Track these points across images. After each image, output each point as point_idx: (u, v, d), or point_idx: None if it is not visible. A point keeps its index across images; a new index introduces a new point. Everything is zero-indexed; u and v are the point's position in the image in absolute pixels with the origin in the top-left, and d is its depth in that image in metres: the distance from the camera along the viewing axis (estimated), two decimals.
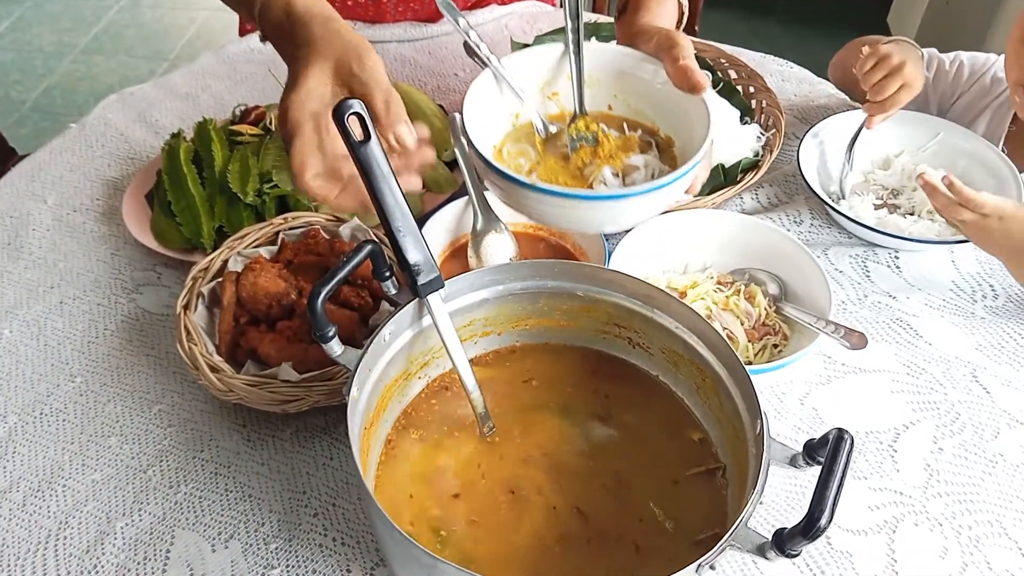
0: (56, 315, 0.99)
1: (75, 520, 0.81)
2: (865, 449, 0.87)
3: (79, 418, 0.89)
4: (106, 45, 3.27)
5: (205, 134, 1.09)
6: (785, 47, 1.47)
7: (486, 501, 0.74)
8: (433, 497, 0.74)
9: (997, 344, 0.97)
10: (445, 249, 1.02)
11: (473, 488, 0.75)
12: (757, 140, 1.12)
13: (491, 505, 0.74)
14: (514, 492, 0.75)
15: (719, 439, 0.78)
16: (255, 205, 1.03)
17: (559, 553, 0.71)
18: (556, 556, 0.71)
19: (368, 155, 0.69)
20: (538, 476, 0.76)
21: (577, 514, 0.74)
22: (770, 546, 0.58)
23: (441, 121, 1.16)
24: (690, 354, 0.77)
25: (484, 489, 0.75)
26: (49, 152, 1.22)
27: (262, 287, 0.88)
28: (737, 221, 1.00)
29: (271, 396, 0.82)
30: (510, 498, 0.75)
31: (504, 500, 0.74)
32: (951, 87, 1.21)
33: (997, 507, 0.82)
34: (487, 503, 0.74)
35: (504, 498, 0.75)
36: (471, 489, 0.75)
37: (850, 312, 1.00)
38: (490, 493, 0.75)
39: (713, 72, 1.23)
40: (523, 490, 0.75)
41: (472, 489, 0.75)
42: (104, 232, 1.09)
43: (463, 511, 0.74)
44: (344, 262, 0.71)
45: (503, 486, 0.76)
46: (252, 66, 1.38)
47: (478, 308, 0.81)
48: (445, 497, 0.74)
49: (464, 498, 0.75)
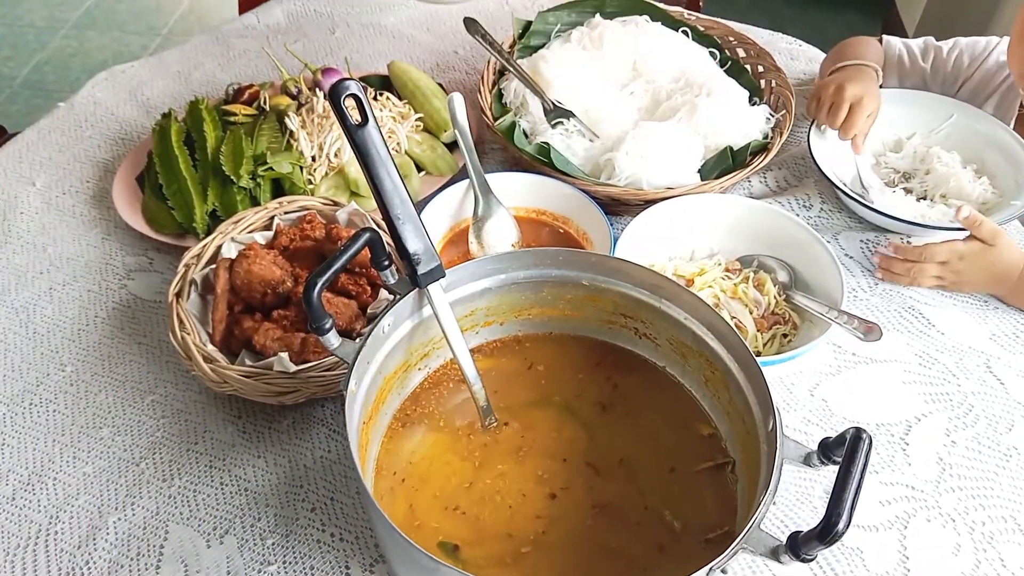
0: (45, 302, 0.97)
1: (66, 515, 0.79)
2: (876, 442, 0.85)
3: (70, 409, 0.87)
4: (98, 20, 3.21)
5: (197, 114, 1.06)
6: (788, 20, 1.43)
7: (488, 496, 0.72)
8: (434, 492, 0.72)
9: (1012, 333, 0.95)
10: (446, 234, 0.99)
11: (475, 483, 0.73)
12: (766, 122, 1.08)
13: (493, 500, 0.72)
14: (516, 487, 0.73)
15: (728, 433, 0.75)
16: (249, 188, 1.00)
17: (563, 550, 0.69)
18: (560, 553, 0.69)
19: (365, 138, 0.67)
20: (540, 471, 0.74)
21: (581, 511, 0.71)
22: (784, 550, 0.56)
23: (441, 101, 1.12)
24: (699, 346, 0.75)
25: (486, 484, 0.73)
26: (37, 132, 1.18)
27: (256, 274, 0.85)
28: (745, 206, 0.97)
29: (267, 388, 0.80)
30: (512, 493, 0.73)
31: (506, 495, 0.72)
32: (952, 74, 1.17)
33: (1011, 502, 0.81)
34: (489, 498, 0.72)
35: (505, 493, 0.73)
36: (473, 484, 0.73)
37: (860, 299, 0.98)
38: (492, 488, 0.73)
39: (721, 51, 1.19)
40: (525, 486, 0.73)
41: (474, 484, 0.73)
42: (95, 215, 1.06)
43: (465, 507, 0.72)
44: (341, 251, 0.68)
45: (505, 481, 0.74)
46: (246, 42, 1.34)
47: (480, 297, 0.79)
48: (446, 492, 0.72)
49: (466, 493, 0.73)
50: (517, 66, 1.11)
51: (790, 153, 1.14)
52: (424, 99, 1.13)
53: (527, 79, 1.09)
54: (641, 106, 1.12)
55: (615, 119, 1.08)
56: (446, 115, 1.09)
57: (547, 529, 0.70)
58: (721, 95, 1.07)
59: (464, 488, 0.73)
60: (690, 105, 1.06)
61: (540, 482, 0.73)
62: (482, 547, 0.69)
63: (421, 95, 1.13)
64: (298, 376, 0.80)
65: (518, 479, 0.74)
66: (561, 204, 0.99)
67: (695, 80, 1.11)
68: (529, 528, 0.70)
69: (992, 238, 0.93)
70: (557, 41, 1.18)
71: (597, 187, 0.98)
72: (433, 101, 1.12)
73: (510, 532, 0.70)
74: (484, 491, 0.73)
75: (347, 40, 1.36)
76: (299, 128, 1.06)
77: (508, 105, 1.12)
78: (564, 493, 0.72)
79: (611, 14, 1.20)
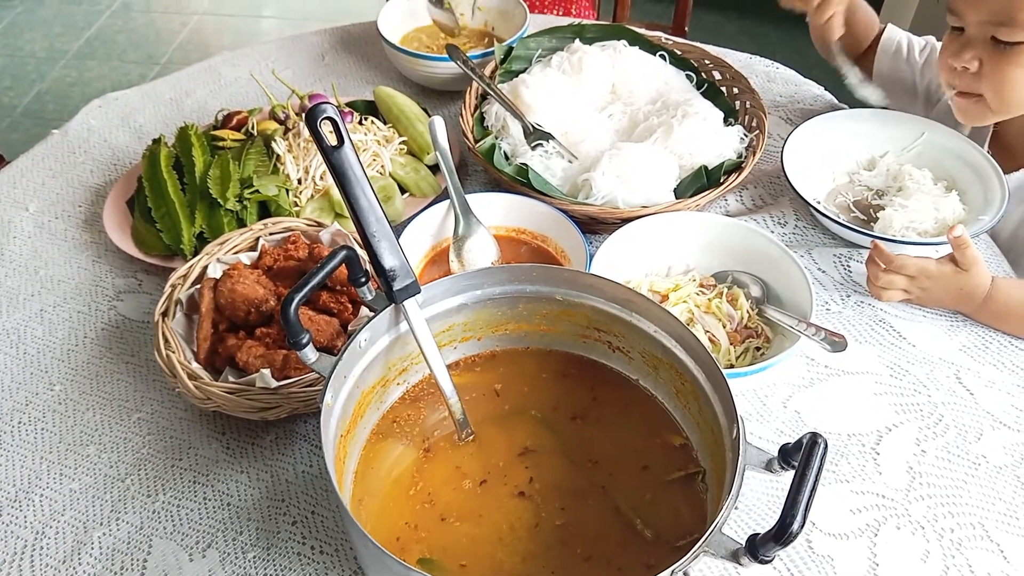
0: (36, 323, 0.99)
1: (52, 530, 0.80)
2: (847, 452, 0.86)
3: (57, 427, 0.89)
4: (98, 50, 3.27)
5: (186, 139, 1.09)
6: (775, 44, 1.47)
7: (464, 508, 0.74)
8: (410, 504, 0.74)
9: (981, 345, 0.97)
10: (427, 253, 1.02)
11: (451, 495, 0.75)
12: (740, 142, 1.11)
13: (469, 512, 0.74)
14: (492, 499, 0.75)
15: (699, 444, 0.77)
16: (236, 211, 1.02)
17: (538, 559, 0.71)
18: (534, 561, 0.70)
19: (342, 160, 0.69)
20: (516, 482, 0.76)
21: (557, 521, 0.73)
22: (743, 552, 0.58)
23: (424, 125, 1.15)
24: (669, 358, 0.77)
25: (462, 496, 0.75)
26: (31, 159, 1.21)
27: (240, 294, 0.87)
28: (720, 223, 0.99)
29: (249, 404, 0.82)
30: (488, 505, 0.74)
31: (482, 507, 0.74)
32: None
33: (980, 509, 0.82)
34: (465, 510, 0.74)
35: (482, 505, 0.74)
36: (449, 496, 0.75)
37: (833, 312, 1.00)
38: (468, 500, 0.75)
39: (697, 73, 1.22)
40: (501, 497, 0.75)
41: (450, 496, 0.75)
42: (86, 239, 1.09)
43: (441, 518, 0.73)
44: (318, 268, 0.70)
45: (481, 494, 0.75)
46: (237, 70, 1.37)
47: (456, 313, 0.81)
48: (422, 505, 0.74)
49: (442, 505, 0.74)
50: (498, 90, 1.14)
51: (766, 172, 1.17)
52: (408, 123, 1.16)
53: (507, 103, 1.13)
54: (619, 128, 1.15)
55: (593, 141, 1.11)
56: (429, 138, 1.12)
57: (523, 538, 0.71)
58: (696, 116, 1.10)
59: (441, 500, 0.75)
60: (666, 126, 1.09)
61: (515, 493, 0.75)
62: (460, 557, 0.70)
63: (405, 119, 1.16)
64: (279, 392, 0.82)
65: (493, 491, 0.75)
66: (539, 223, 1.02)
67: (671, 102, 1.14)
68: (506, 539, 0.72)
69: (969, 265, 0.94)
70: (538, 66, 1.21)
71: (574, 206, 1.00)
72: (417, 125, 1.16)
73: (486, 542, 0.72)
74: (460, 503, 0.74)
75: (335, 66, 1.40)
76: (285, 152, 1.08)
77: (489, 128, 1.15)
78: (540, 504, 0.74)
79: (590, 39, 1.24)
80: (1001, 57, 0.99)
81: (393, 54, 1.30)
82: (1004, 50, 0.99)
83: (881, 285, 0.96)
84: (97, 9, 3.48)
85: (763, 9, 3.10)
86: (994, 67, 1.01)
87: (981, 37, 1.00)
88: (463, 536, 0.72)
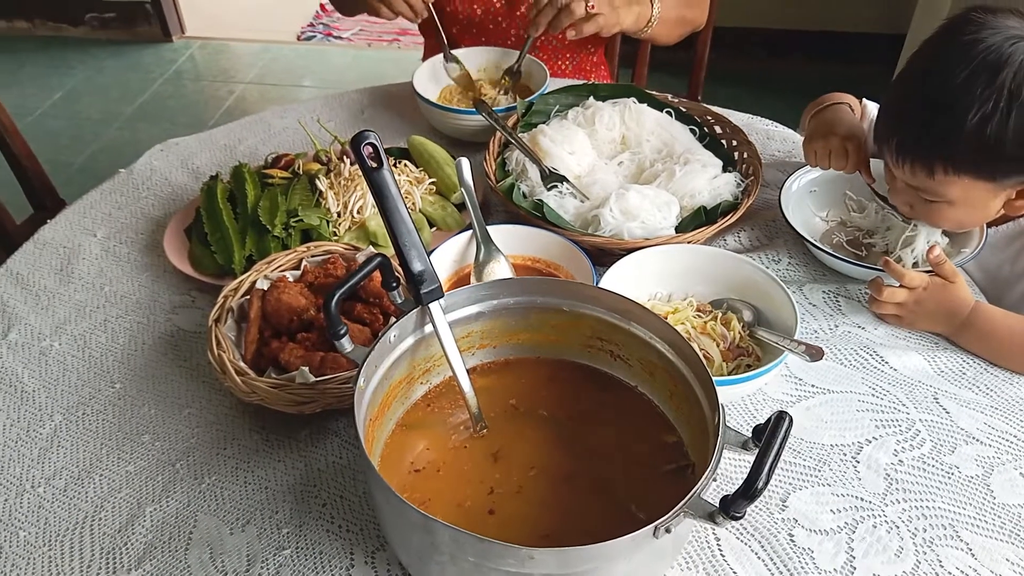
0: (100, 331, 1.11)
1: (110, 504, 0.90)
2: (830, 460, 0.94)
3: (117, 418, 0.99)
4: (150, 114, 3.50)
5: (240, 175, 1.22)
6: (782, 112, 1.59)
7: (475, 493, 0.83)
8: (426, 486, 0.83)
9: (958, 370, 1.05)
10: (450, 277, 1.13)
11: (465, 484, 0.84)
12: (737, 186, 1.22)
13: (480, 498, 0.82)
14: (501, 488, 0.83)
15: (690, 441, 0.86)
16: (281, 237, 1.15)
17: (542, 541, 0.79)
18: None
19: (381, 180, 0.81)
20: (524, 471, 0.84)
21: (560, 505, 0.82)
22: (718, 512, 0.66)
23: (452, 168, 1.28)
24: (663, 362, 0.87)
25: (474, 485, 0.84)
26: (100, 193, 1.36)
27: (285, 302, 0.98)
28: (717, 254, 1.09)
29: (289, 397, 0.92)
30: (498, 490, 0.83)
31: (492, 493, 0.83)
32: None
33: (952, 513, 0.89)
34: (476, 495, 0.82)
35: (492, 491, 0.83)
36: (462, 484, 0.84)
37: (822, 340, 1.09)
38: (480, 488, 0.83)
39: (700, 127, 1.35)
40: (510, 485, 0.83)
41: (464, 484, 0.84)
42: (146, 262, 1.22)
43: (457, 504, 0.82)
44: (356, 271, 0.81)
45: (494, 482, 0.84)
46: (285, 121, 1.53)
47: (475, 321, 0.91)
48: (437, 486, 0.83)
49: (455, 488, 0.83)
50: (518, 138, 1.27)
51: (762, 216, 1.28)
52: (437, 166, 1.29)
53: (526, 149, 1.25)
54: (627, 174, 1.27)
55: (603, 184, 1.22)
56: (456, 180, 1.25)
57: (530, 520, 0.80)
58: (697, 163, 1.21)
59: (455, 487, 0.83)
60: (669, 171, 1.21)
61: (522, 484, 0.83)
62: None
63: (435, 163, 1.29)
64: (316, 387, 0.92)
65: (504, 480, 0.84)
66: (552, 252, 1.13)
67: (675, 151, 1.26)
68: (511, 520, 0.80)
69: (952, 276, 1.06)
70: (556, 119, 1.34)
71: (584, 238, 1.12)
72: (445, 168, 1.28)
73: (499, 525, 0.80)
74: (472, 488, 0.83)
75: (373, 120, 1.54)
76: (327, 188, 1.21)
77: (510, 171, 1.27)
78: (545, 494, 0.83)
79: (604, 97, 1.37)
80: (930, 205, 1.10)
81: (426, 108, 1.44)
82: (930, 203, 1.09)
83: (884, 298, 1.06)
84: (151, 77, 3.74)
85: (780, 85, 3.28)
86: (924, 211, 1.12)
87: (910, 190, 1.10)
88: (478, 523, 0.80)
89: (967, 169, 1.02)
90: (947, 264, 1.06)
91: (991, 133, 0.97)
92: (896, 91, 1.09)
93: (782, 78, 3.43)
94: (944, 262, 1.06)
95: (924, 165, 1.04)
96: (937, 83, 1.01)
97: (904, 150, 1.06)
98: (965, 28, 1.01)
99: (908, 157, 1.06)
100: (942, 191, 1.06)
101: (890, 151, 1.08)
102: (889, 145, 1.08)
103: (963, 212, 1.09)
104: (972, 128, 0.98)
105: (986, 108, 0.97)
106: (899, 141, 1.06)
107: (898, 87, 1.09)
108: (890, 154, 1.08)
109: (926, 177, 1.05)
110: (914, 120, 1.04)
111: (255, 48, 3.95)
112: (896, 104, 1.09)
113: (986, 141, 0.98)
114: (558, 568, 0.67)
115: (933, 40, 1.05)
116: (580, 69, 1.79)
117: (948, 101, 0.99)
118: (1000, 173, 1.03)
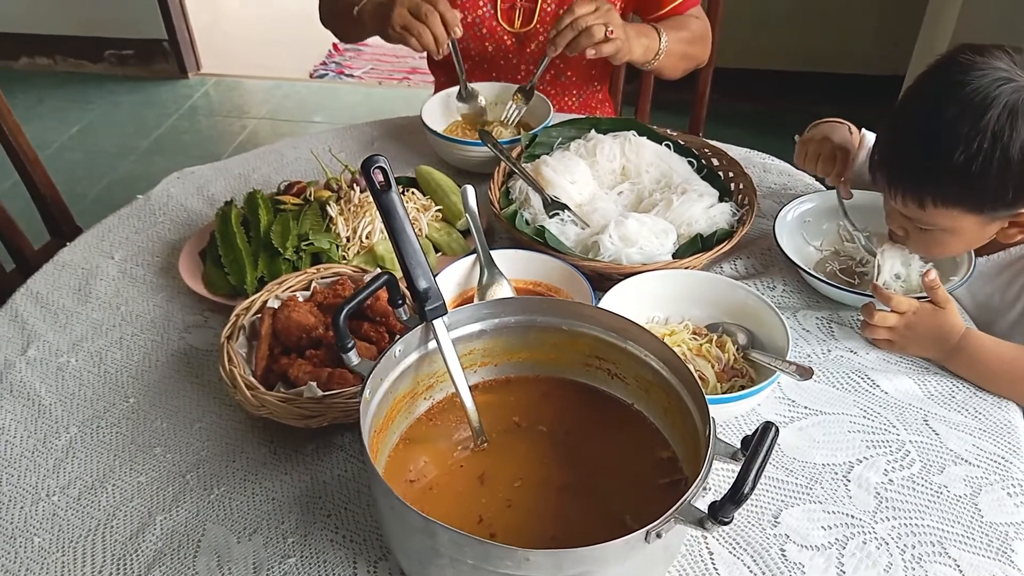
0: (116, 348, 1.15)
1: (121, 513, 0.93)
2: (821, 478, 0.97)
3: (130, 431, 1.03)
4: (165, 147, 3.59)
5: (253, 201, 1.27)
6: (779, 150, 1.64)
7: (475, 506, 0.85)
8: (427, 498, 0.86)
9: (948, 394, 1.07)
10: (455, 299, 1.16)
11: (464, 494, 0.87)
12: (732, 215, 1.27)
13: (477, 507, 0.85)
14: (503, 502, 0.86)
15: (683, 456, 0.89)
16: (292, 260, 1.19)
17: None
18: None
19: (389, 202, 0.86)
20: (520, 483, 0.87)
21: (557, 517, 0.84)
22: (707, 517, 0.69)
23: (458, 196, 1.33)
24: (658, 379, 0.90)
25: (474, 497, 0.86)
26: (118, 218, 1.41)
27: (295, 320, 1.02)
28: (712, 279, 1.13)
29: (297, 411, 0.95)
30: (497, 506, 0.86)
31: (491, 507, 0.85)
32: None
33: (940, 531, 0.91)
34: (476, 507, 0.85)
35: (489, 504, 0.86)
36: (463, 495, 0.87)
37: (814, 364, 1.12)
38: (479, 501, 0.86)
39: (698, 159, 1.40)
40: (509, 500, 0.86)
41: (463, 495, 0.87)
42: (161, 283, 1.26)
43: (456, 511, 0.85)
44: (364, 287, 0.85)
45: (492, 495, 0.87)
46: (297, 151, 1.58)
47: (477, 339, 0.95)
48: (435, 497, 0.86)
49: (453, 501, 0.86)
50: (522, 168, 1.32)
51: (758, 245, 1.32)
52: (444, 194, 1.34)
53: (529, 178, 1.30)
54: (626, 203, 1.31)
55: (603, 212, 1.27)
56: (461, 208, 1.29)
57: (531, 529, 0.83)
58: (694, 193, 1.26)
59: (454, 498, 0.86)
60: (666, 201, 1.25)
61: (522, 497, 0.86)
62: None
63: (441, 191, 1.34)
64: (323, 402, 0.95)
65: (502, 494, 0.87)
66: (553, 276, 1.17)
67: (673, 181, 1.31)
68: (511, 531, 0.83)
69: (943, 303, 1.09)
70: (558, 150, 1.39)
71: (584, 262, 1.16)
72: (451, 196, 1.33)
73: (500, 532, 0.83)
74: (471, 500, 0.86)
75: (383, 150, 1.59)
76: (337, 215, 1.26)
77: (513, 200, 1.32)
78: (543, 507, 0.86)
79: (605, 130, 1.42)
80: (923, 233, 1.14)
81: (434, 140, 1.49)
82: (924, 231, 1.14)
83: (875, 322, 1.09)
84: (167, 112, 3.83)
85: (781, 126, 3.35)
86: (918, 238, 1.16)
87: (904, 217, 1.15)
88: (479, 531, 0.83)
89: (955, 203, 1.07)
90: (940, 290, 1.09)
91: (976, 171, 1.02)
92: (890, 124, 1.14)
93: (783, 119, 3.50)
94: (938, 287, 1.09)
95: (915, 197, 1.09)
96: (926, 121, 1.06)
97: (896, 182, 1.11)
98: (953, 68, 1.05)
99: (900, 188, 1.10)
100: (933, 221, 1.10)
101: (883, 181, 1.12)
102: (882, 175, 1.12)
103: (955, 240, 1.13)
104: (958, 166, 1.02)
105: (971, 148, 1.01)
106: (891, 172, 1.11)
107: (892, 120, 1.14)
108: (883, 184, 1.13)
109: (917, 208, 1.09)
110: (905, 154, 1.09)
111: (268, 85, 4.05)
112: (889, 136, 1.14)
113: (971, 178, 1.03)
114: (553, 570, 0.70)
115: (924, 78, 1.10)
116: (586, 105, 1.85)
117: (936, 139, 1.04)
118: (987, 207, 1.07)
